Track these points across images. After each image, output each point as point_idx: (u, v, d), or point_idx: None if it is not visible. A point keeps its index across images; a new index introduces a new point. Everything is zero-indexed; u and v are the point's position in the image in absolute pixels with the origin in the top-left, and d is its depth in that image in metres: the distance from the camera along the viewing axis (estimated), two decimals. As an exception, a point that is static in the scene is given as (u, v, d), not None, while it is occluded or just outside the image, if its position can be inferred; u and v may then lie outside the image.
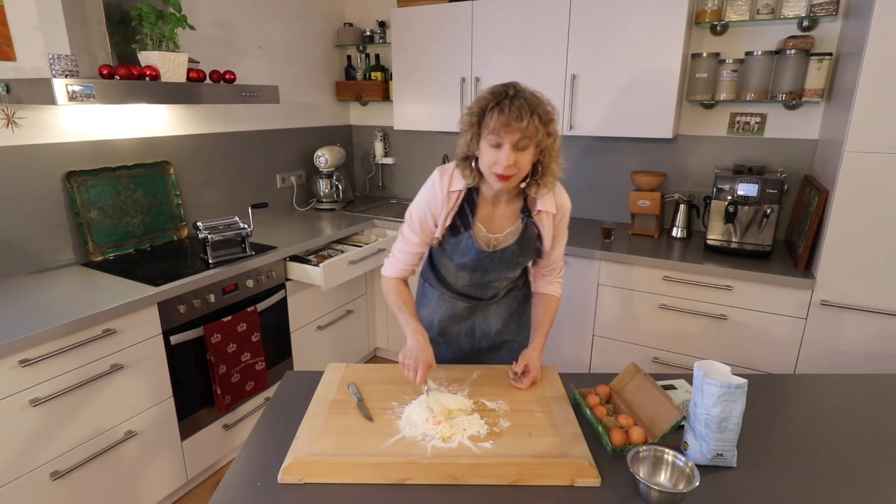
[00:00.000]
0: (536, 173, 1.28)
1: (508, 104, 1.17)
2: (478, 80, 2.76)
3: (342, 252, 2.65)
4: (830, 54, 2.21)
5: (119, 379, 1.78)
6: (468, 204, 1.37)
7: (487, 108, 1.20)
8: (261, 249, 2.32)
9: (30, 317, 1.61)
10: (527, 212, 1.38)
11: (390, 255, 1.47)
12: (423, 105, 2.97)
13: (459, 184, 1.34)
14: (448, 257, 1.44)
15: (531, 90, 1.23)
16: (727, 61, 2.39)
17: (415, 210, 1.40)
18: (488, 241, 1.39)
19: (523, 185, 1.31)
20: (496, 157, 1.21)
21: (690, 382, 1.33)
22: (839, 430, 1.22)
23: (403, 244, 1.43)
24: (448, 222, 1.37)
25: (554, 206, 1.38)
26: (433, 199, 1.36)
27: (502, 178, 1.23)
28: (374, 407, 1.23)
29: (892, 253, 1.89)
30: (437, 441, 1.11)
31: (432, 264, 1.56)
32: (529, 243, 1.41)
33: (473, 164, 1.29)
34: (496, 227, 1.39)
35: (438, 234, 1.39)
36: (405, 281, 1.47)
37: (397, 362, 1.34)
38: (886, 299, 1.93)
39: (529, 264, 1.54)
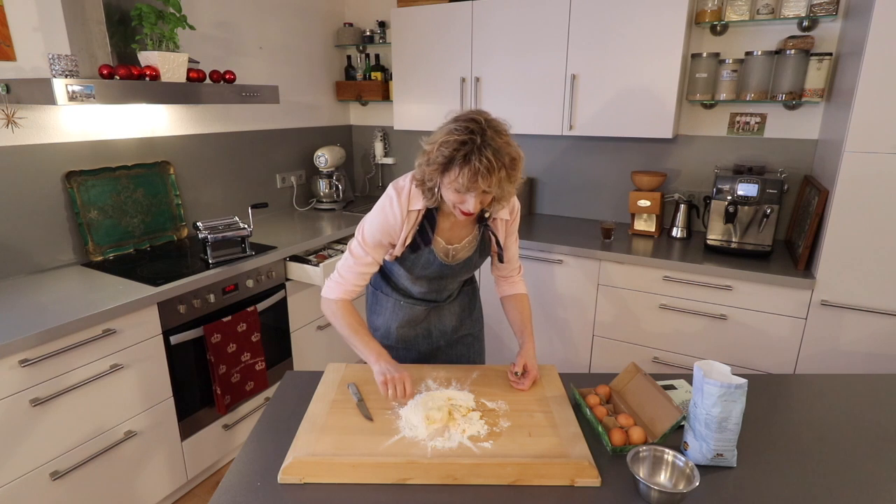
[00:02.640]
0: (496, 200, 1.25)
1: (476, 159, 1.10)
2: (478, 79, 2.76)
3: (342, 252, 2.65)
4: (830, 54, 2.21)
5: (119, 379, 1.78)
6: (428, 221, 1.33)
7: (454, 159, 1.12)
8: (261, 249, 2.32)
9: (30, 317, 1.61)
10: (483, 220, 1.38)
11: (335, 275, 1.37)
12: (423, 105, 2.97)
13: (419, 203, 1.29)
14: (407, 270, 1.42)
15: (498, 125, 1.16)
16: (727, 61, 2.39)
17: (368, 230, 1.33)
18: (447, 252, 1.39)
19: None
20: (461, 199, 1.19)
21: (690, 382, 1.33)
22: (839, 430, 1.22)
23: (354, 264, 1.35)
24: (409, 241, 1.33)
25: (507, 211, 1.39)
26: (392, 221, 1.30)
27: (466, 214, 1.23)
28: (374, 407, 1.23)
29: (892, 253, 1.89)
30: (437, 441, 1.11)
31: (384, 273, 1.53)
32: (487, 249, 1.44)
33: (436, 190, 1.23)
34: (455, 238, 1.39)
35: (397, 251, 1.35)
36: (351, 303, 1.38)
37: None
38: (886, 299, 1.93)
39: (489, 267, 1.55)
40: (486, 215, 1.37)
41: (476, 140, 1.11)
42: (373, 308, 1.59)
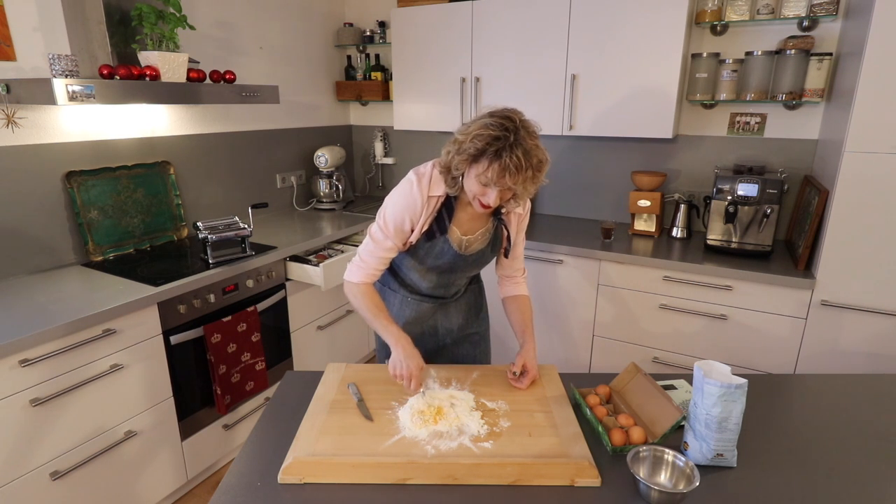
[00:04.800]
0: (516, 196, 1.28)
1: (508, 156, 1.13)
2: (478, 79, 2.76)
3: (342, 252, 2.65)
4: (830, 54, 2.21)
5: (119, 379, 1.78)
6: (446, 209, 1.35)
7: (486, 152, 1.15)
8: (261, 249, 2.32)
9: (30, 317, 1.61)
10: (498, 213, 1.39)
11: (356, 259, 1.41)
12: (423, 105, 2.97)
13: (439, 189, 1.31)
14: (419, 261, 1.43)
15: (530, 126, 1.18)
16: (727, 61, 2.39)
17: (389, 214, 1.34)
18: (461, 243, 1.40)
19: None
20: (483, 192, 1.22)
21: (690, 382, 1.33)
22: (839, 430, 1.22)
23: (374, 248, 1.37)
24: (425, 227, 1.35)
25: (522, 206, 1.40)
26: (411, 204, 1.32)
27: (485, 207, 1.25)
28: (374, 407, 1.23)
29: (892, 253, 1.89)
30: (437, 441, 1.11)
31: (392, 269, 1.54)
32: (499, 243, 1.45)
33: (460, 179, 1.26)
34: (469, 229, 1.40)
35: (414, 238, 1.37)
36: (372, 286, 1.42)
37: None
38: (886, 299, 1.93)
39: (494, 266, 1.56)
40: (503, 210, 1.38)
41: (509, 137, 1.14)
42: None
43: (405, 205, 1.33)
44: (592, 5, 2.40)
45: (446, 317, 1.57)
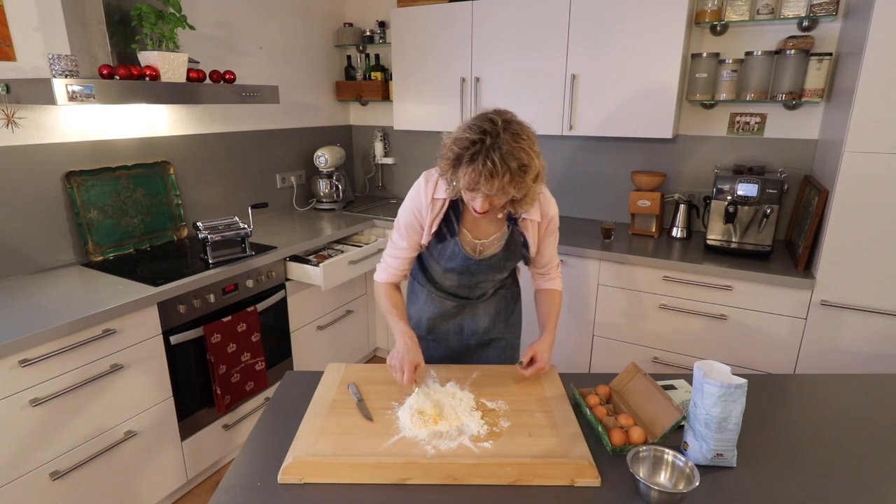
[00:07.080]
0: (515, 202, 1.26)
1: (482, 161, 1.10)
2: (478, 80, 2.76)
3: (342, 252, 2.65)
4: (830, 54, 2.21)
5: (119, 379, 1.78)
6: (453, 211, 1.36)
7: (463, 158, 1.13)
8: (261, 249, 2.32)
9: (30, 317, 1.61)
10: (512, 219, 1.38)
11: (381, 261, 1.48)
12: (423, 105, 2.97)
13: (443, 192, 1.32)
14: (435, 261, 1.45)
15: (517, 128, 1.14)
16: (727, 61, 2.39)
17: (401, 215, 1.40)
18: (474, 247, 1.39)
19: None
20: (472, 197, 1.22)
21: (690, 382, 1.33)
22: (839, 430, 1.22)
23: (392, 249, 1.44)
24: (434, 228, 1.36)
25: (539, 214, 1.38)
26: (418, 205, 1.36)
27: (477, 212, 1.25)
28: (374, 407, 1.23)
29: (892, 253, 1.89)
30: (437, 441, 1.11)
31: (421, 264, 1.56)
32: (516, 249, 1.43)
33: (454, 183, 1.25)
34: (482, 233, 1.39)
35: (425, 240, 1.39)
36: (397, 286, 1.48)
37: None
38: (886, 299, 1.93)
39: (525, 267, 1.54)
40: (515, 216, 1.35)
41: (486, 141, 1.11)
42: (410, 297, 1.63)
43: (412, 205, 1.37)
44: (592, 5, 2.40)
45: (473, 318, 1.56)
